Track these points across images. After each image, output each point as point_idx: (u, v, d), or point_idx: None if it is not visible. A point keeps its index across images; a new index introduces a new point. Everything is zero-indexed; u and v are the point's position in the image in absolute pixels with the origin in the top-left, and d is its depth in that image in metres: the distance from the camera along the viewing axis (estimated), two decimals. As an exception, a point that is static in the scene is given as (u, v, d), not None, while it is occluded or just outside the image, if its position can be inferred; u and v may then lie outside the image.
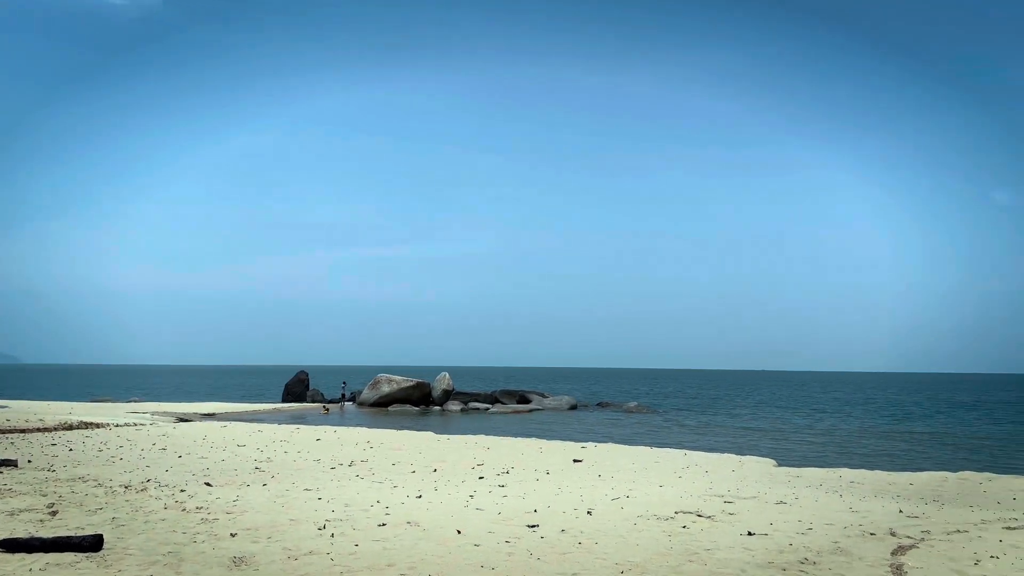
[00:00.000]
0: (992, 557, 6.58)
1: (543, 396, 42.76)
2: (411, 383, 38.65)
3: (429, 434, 20.96)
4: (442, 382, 39.51)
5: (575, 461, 14.99)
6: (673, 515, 8.59)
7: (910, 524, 8.23)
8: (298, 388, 41.86)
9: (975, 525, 8.28)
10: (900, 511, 9.28)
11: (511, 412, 37.13)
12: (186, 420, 25.84)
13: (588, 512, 8.70)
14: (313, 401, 40.81)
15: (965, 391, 77.14)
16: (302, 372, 43.10)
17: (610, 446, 19.34)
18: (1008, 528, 8.12)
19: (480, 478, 11.84)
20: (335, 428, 22.80)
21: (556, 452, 16.84)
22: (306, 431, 21.07)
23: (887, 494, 11.56)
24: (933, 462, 18.42)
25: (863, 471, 15.43)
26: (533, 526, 7.79)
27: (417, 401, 38.36)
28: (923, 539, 7.38)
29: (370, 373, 47.31)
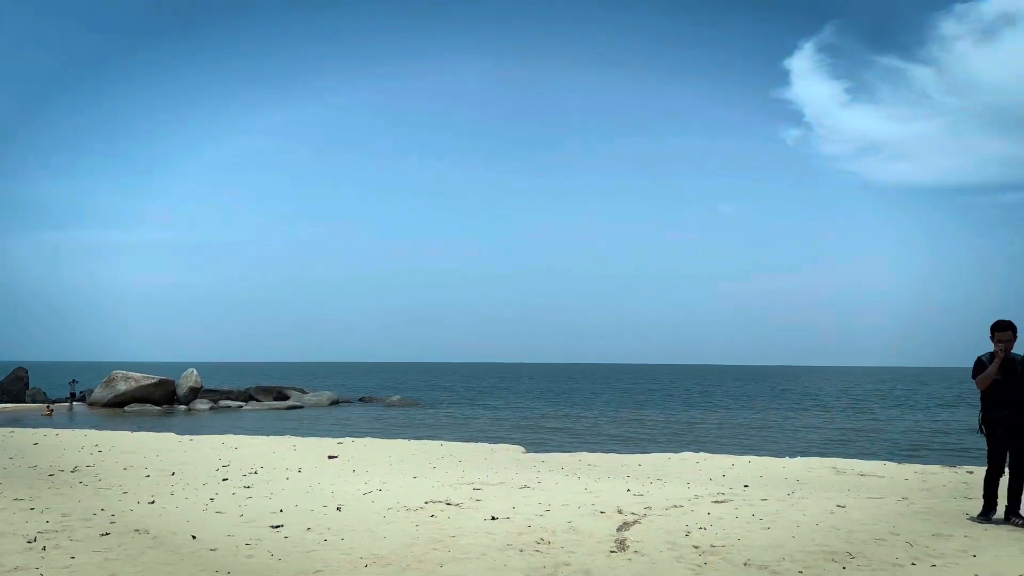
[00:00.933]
0: (700, 528, 7.37)
1: (303, 392, 41.49)
2: (152, 380, 35.72)
3: (170, 435, 19.51)
4: (189, 379, 36.96)
5: (330, 457, 14.70)
6: (423, 505, 8.71)
7: (635, 502, 9.01)
8: (15, 387, 37.06)
9: (689, 500, 9.23)
10: (628, 490, 10.12)
11: (267, 409, 35.62)
12: None
13: (338, 508, 8.56)
14: (34, 401, 36.35)
15: (693, 381, 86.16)
16: (20, 368, 38.22)
17: (368, 440, 19.21)
18: (716, 502, 9.14)
19: (224, 480, 11.22)
20: (58, 431, 20.46)
21: (310, 449, 16.40)
22: (22, 435, 18.70)
23: (619, 475, 12.57)
24: (661, 445, 20.34)
25: (601, 454, 16.70)
26: (277, 526, 7.52)
27: (159, 400, 35.52)
28: (645, 515, 8.10)
29: (106, 369, 43.04)
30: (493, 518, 7.86)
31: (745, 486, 11.09)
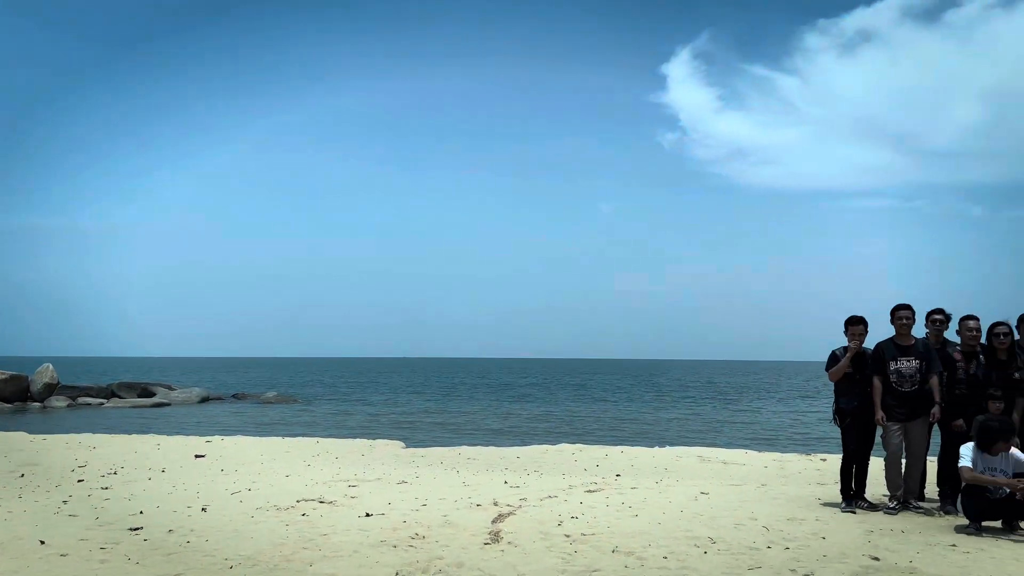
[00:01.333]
0: (572, 517, 7.54)
1: (170, 388, 39.57)
2: (3, 376, 33.13)
3: (21, 434, 18.13)
4: (44, 375, 34.50)
5: (197, 456, 14.08)
6: (295, 504, 8.48)
7: (511, 493, 9.11)
8: None
9: (563, 490, 9.42)
10: (505, 482, 10.22)
11: (130, 407, 33.74)
12: None
13: (203, 509, 8.21)
14: None
15: (571, 374, 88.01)
16: None
17: (239, 438, 18.52)
18: (589, 491, 9.37)
19: (79, 481, 10.54)
20: None
21: (177, 448, 15.65)
22: None
23: (497, 467, 12.67)
24: (539, 437, 20.67)
25: (480, 448, 16.79)
26: (136, 529, 7.13)
27: (11, 397, 32.95)
28: (520, 506, 8.21)
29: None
30: (367, 515, 7.75)
31: (617, 475, 11.42)
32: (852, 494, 8.21)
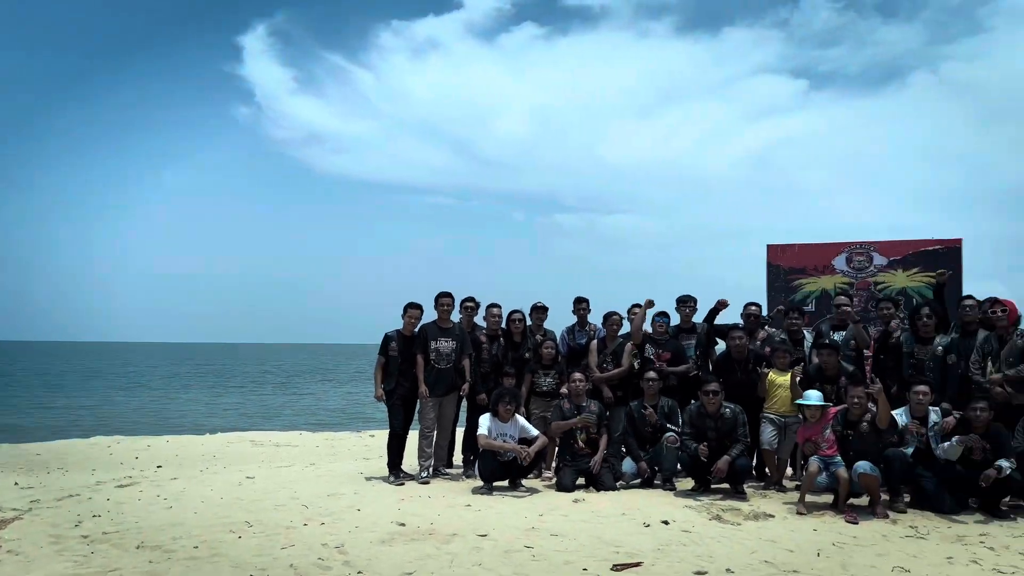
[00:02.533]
0: (94, 516, 6.78)
1: None
2: None
3: None
4: None
5: None
6: None
7: (21, 496, 7.89)
8: None
9: (90, 487, 8.44)
10: (16, 483, 8.84)
11: None
12: None
13: None
14: None
15: (112, 360, 79.73)
16: None
17: None
18: (120, 486, 8.53)
19: None
20: None
21: None
22: None
23: (8, 468, 10.89)
24: (71, 431, 18.29)
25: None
26: None
27: None
28: (30, 509, 7.15)
29: None
30: None
31: (158, 467, 10.67)
32: (395, 466, 8.81)
